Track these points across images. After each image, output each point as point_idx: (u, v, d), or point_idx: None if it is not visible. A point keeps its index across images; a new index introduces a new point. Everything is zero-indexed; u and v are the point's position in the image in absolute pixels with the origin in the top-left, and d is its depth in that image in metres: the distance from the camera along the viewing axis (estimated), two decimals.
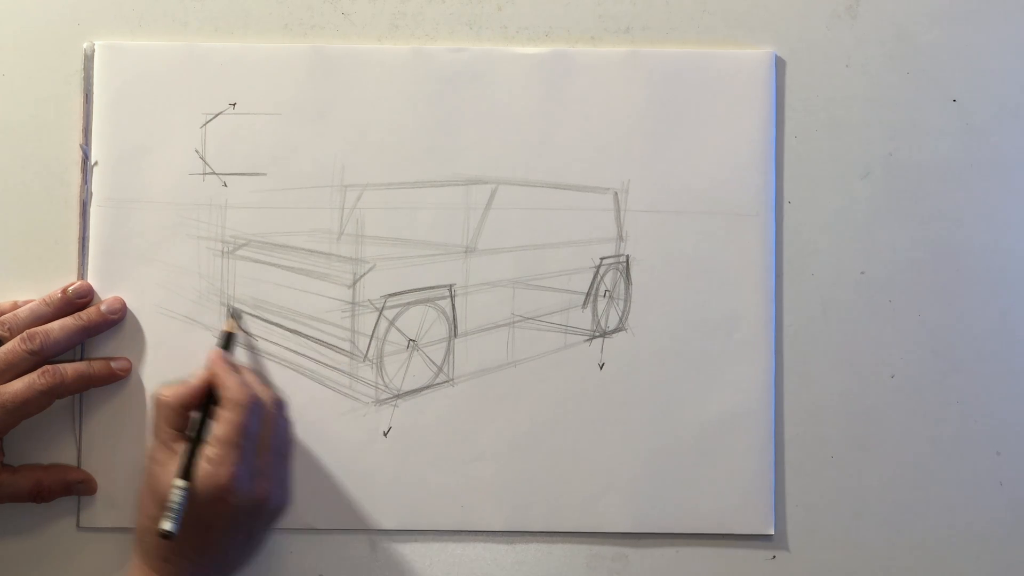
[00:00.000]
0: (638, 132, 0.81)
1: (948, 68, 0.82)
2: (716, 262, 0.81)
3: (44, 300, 0.78)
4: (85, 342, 0.79)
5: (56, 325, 0.76)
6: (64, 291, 0.78)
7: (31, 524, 0.79)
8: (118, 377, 0.78)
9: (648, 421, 0.80)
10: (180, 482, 0.70)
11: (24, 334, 0.75)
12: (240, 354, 0.79)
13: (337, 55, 0.81)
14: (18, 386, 0.74)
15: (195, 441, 0.72)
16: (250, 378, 0.75)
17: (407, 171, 0.80)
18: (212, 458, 0.70)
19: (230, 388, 0.72)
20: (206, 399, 0.73)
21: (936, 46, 0.82)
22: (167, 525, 0.68)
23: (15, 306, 0.78)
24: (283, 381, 0.80)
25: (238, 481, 0.70)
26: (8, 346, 0.75)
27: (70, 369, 0.76)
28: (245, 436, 0.71)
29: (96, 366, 0.77)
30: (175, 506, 0.69)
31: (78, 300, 0.78)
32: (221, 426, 0.71)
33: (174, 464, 0.71)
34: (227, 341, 0.78)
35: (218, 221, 0.80)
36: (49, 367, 0.75)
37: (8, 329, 0.76)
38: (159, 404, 0.73)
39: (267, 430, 0.73)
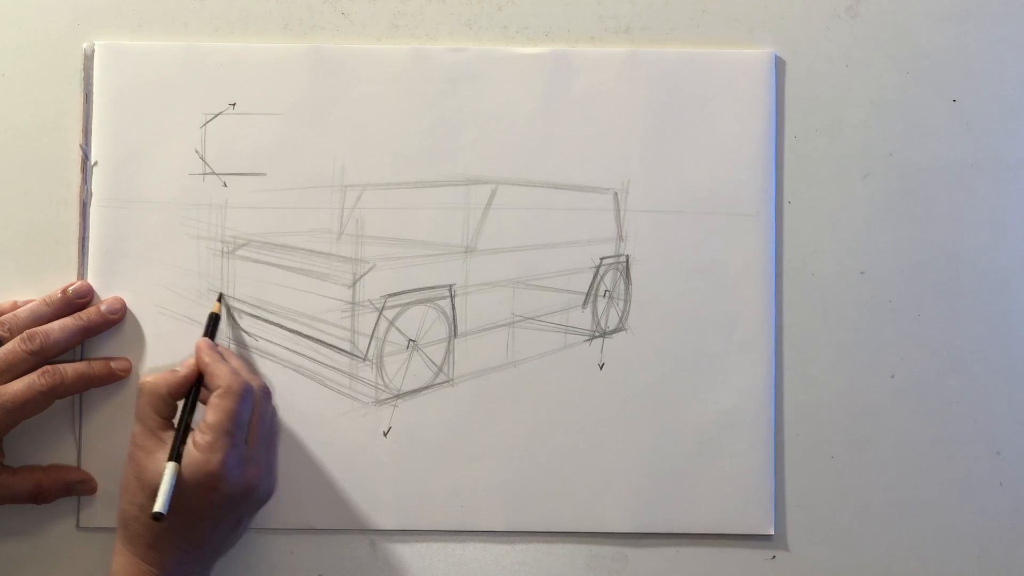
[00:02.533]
0: (638, 132, 0.81)
1: (948, 68, 0.82)
2: (716, 262, 0.81)
3: (44, 300, 0.78)
4: (85, 342, 0.79)
5: (56, 325, 0.76)
6: (64, 291, 0.78)
7: (31, 524, 0.79)
8: (118, 377, 0.79)
9: (648, 421, 0.80)
10: (172, 464, 0.70)
11: (24, 334, 0.75)
12: (227, 344, 0.80)
13: (337, 55, 0.81)
14: (18, 387, 0.74)
15: (184, 427, 0.72)
16: (238, 365, 0.76)
17: (407, 171, 0.80)
18: (202, 445, 0.71)
19: (221, 376, 0.73)
20: (194, 386, 0.74)
21: (936, 46, 0.82)
22: (159, 506, 0.68)
23: (15, 306, 0.78)
24: (283, 381, 0.80)
25: (228, 468, 0.71)
26: (8, 346, 0.75)
27: (70, 369, 0.76)
28: (236, 424, 0.72)
29: (96, 366, 0.77)
30: (167, 487, 0.69)
31: (78, 300, 0.78)
32: (212, 413, 0.71)
33: (162, 451, 0.72)
34: (214, 326, 0.78)
35: (218, 221, 0.80)
36: (49, 367, 0.75)
37: (8, 329, 0.76)
38: (145, 391, 0.73)
39: (256, 418, 0.74)
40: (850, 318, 0.81)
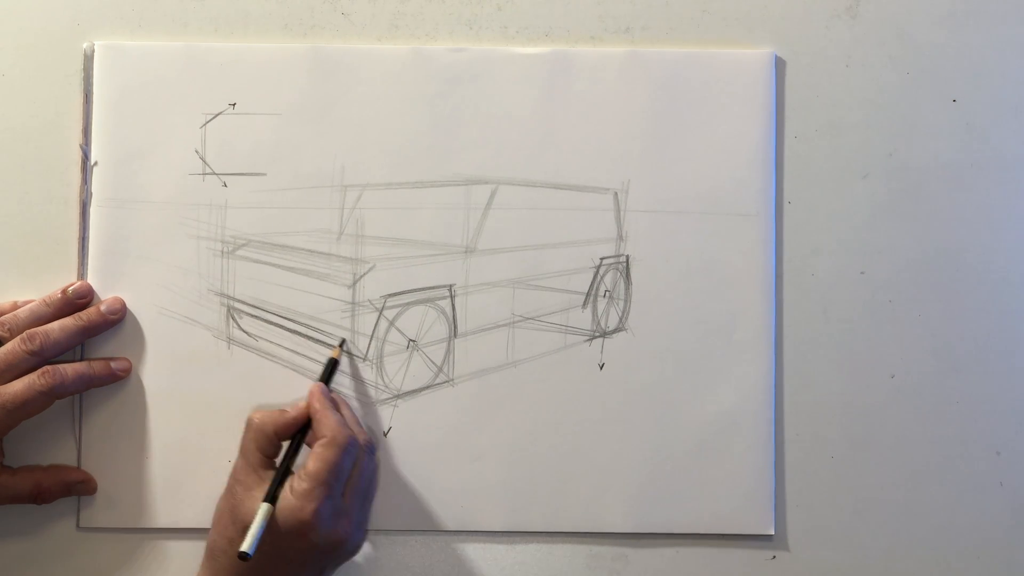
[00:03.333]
0: (638, 132, 0.81)
1: (948, 68, 0.82)
2: (716, 262, 0.81)
3: (44, 300, 0.78)
4: (85, 342, 0.79)
5: (56, 325, 0.76)
6: (64, 291, 0.78)
7: (31, 524, 0.79)
8: (118, 377, 0.79)
9: (648, 421, 0.80)
10: (266, 506, 0.70)
11: (24, 334, 0.75)
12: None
13: (337, 55, 0.81)
14: (18, 387, 0.74)
15: (284, 470, 0.72)
16: (348, 416, 0.76)
17: (407, 171, 0.80)
18: (299, 491, 0.70)
19: (329, 426, 0.72)
20: (301, 430, 0.74)
21: (936, 46, 0.82)
22: (246, 546, 0.68)
23: (15, 306, 0.78)
24: (283, 381, 0.80)
25: (321, 519, 0.70)
26: (8, 347, 0.75)
27: (70, 369, 0.76)
28: (336, 476, 0.71)
29: (96, 366, 0.77)
30: (257, 528, 0.68)
31: (78, 300, 0.78)
32: (314, 462, 0.71)
33: (260, 489, 0.71)
34: (330, 371, 0.78)
35: (218, 221, 0.80)
36: (49, 367, 0.75)
37: (8, 329, 0.76)
38: (253, 427, 0.73)
39: (356, 472, 0.73)
40: (850, 318, 0.81)
